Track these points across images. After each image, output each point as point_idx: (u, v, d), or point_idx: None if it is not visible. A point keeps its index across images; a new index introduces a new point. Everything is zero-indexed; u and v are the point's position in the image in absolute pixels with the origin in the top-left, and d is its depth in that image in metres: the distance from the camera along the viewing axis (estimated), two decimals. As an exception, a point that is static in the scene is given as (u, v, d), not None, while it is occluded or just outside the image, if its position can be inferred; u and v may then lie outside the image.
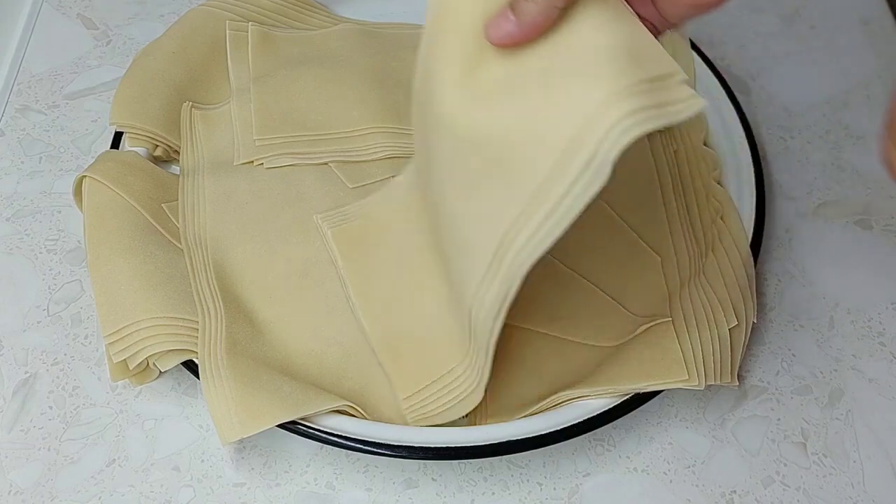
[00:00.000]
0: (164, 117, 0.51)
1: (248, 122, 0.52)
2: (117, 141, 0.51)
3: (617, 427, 0.44)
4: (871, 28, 0.61)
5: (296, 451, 0.44)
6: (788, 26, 0.61)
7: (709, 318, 0.44)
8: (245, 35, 0.55)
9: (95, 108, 0.56)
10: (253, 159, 0.51)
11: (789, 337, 0.48)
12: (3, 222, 0.51)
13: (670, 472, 0.43)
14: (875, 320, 0.49)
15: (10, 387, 0.46)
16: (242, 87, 0.54)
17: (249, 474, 0.43)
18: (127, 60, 0.54)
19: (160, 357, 0.43)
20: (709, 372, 0.42)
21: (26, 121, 0.56)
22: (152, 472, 0.43)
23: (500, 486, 0.43)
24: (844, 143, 0.55)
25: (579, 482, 0.43)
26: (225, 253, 0.47)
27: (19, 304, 0.48)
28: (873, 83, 0.58)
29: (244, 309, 0.45)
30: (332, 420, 0.41)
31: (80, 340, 0.47)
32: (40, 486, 0.43)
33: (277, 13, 0.57)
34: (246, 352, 0.43)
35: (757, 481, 0.43)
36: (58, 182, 0.53)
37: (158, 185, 0.49)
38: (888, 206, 0.52)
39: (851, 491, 0.43)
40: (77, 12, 0.61)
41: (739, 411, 0.45)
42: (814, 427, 0.45)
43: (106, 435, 0.44)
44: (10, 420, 0.44)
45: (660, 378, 0.41)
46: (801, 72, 0.59)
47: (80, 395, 0.45)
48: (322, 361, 0.44)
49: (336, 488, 0.43)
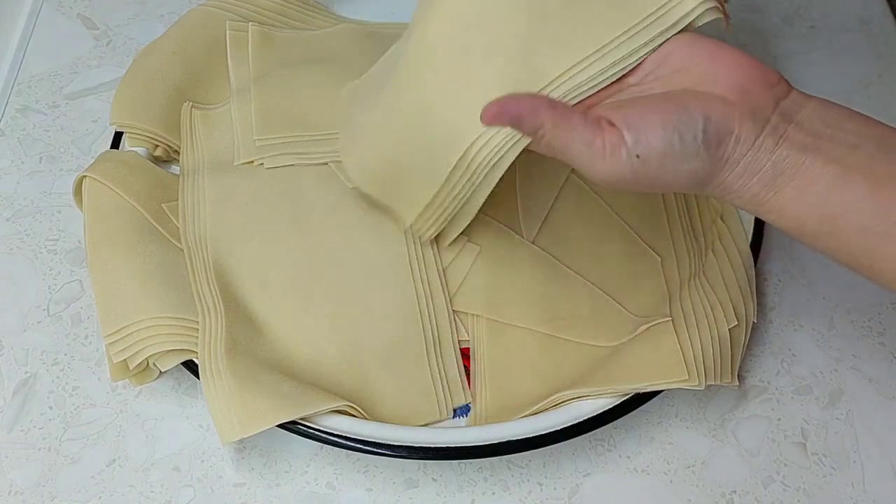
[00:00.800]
0: (164, 117, 0.51)
1: (248, 122, 0.52)
2: (117, 141, 0.51)
3: (617, 427, 0.44)
4: (871, 28, 0.61)
5: (296, 451, 0.44)
6: (788, 26, 0.61)
7: (709, 318, 0.44)
8: (245, 35, 0.55)
9: (95, 108, 0.56)
10: (253, 159, 0.51)
11: (789, 337, 0.48)
12: (3, 222, 0.51)
13: (670, 472, 0.43)
14: (875, 320, 0.49)
15: (10, 387, 0.46)
16: (242, 87, 0.54)
17: (249, 474, 0.43)
18: (127, 60, 0.54)
19: (160, 357, 0.43)
20: (709, 372, 0.42)
21: (26, 121, 0.56)
22: (152, 472, 0.43)
23: (500, 486, 0.43)
24: (844, 143, 0.55)
25: (579, 482, 0.43)
26: (225, 253, 0.47)
27: (19, 304, 0.48)
28: (873, 83, 0.58)
29: (244, 309, 0.45)
30: (332, 420, 0.41)
31: (80, 340, 0.47)
32: (40, 486, 0.43)
33: (277, 13, 0.57)
34: (246, 352, 0.43)
35: (757, 481, 0.43)
36: (58, 182, 0.53)
37: (158, 185, 0.49)
38: (888, 206, 0.52)
39: (851, 491, 0.43)
40: (77, 12, 0.61)
41: (739, 411, 0.45)
42: (814, 427, 0.45)
43: (106, 435, 0.44)
44: (10, 420, 0.44)
45: (660, 378, 0.41)
46: (801, 72, 0.59)
47: (80, 395, 0.45)
48: (322, 361, 0.44)
49: (336, 488, 0.43)
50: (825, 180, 0.33)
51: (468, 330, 0.46)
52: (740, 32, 0.61)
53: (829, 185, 0.33)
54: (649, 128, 0.33)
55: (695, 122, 0.33)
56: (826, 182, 0.33)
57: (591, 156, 0.34)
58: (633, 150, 0.33)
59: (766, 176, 0.34)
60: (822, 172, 0.33)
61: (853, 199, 0.33)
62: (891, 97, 0.57)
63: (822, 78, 0.58)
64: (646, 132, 0.33)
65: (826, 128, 0.34)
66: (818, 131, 0.34)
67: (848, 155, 0.33)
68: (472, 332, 0.46)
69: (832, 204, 0.33)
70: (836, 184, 0.33)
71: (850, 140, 0.34)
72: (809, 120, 0.34)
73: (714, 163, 0.34)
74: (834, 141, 0.34)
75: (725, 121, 0.34)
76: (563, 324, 0.46)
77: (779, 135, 0.34)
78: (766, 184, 0.34)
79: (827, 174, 0.33)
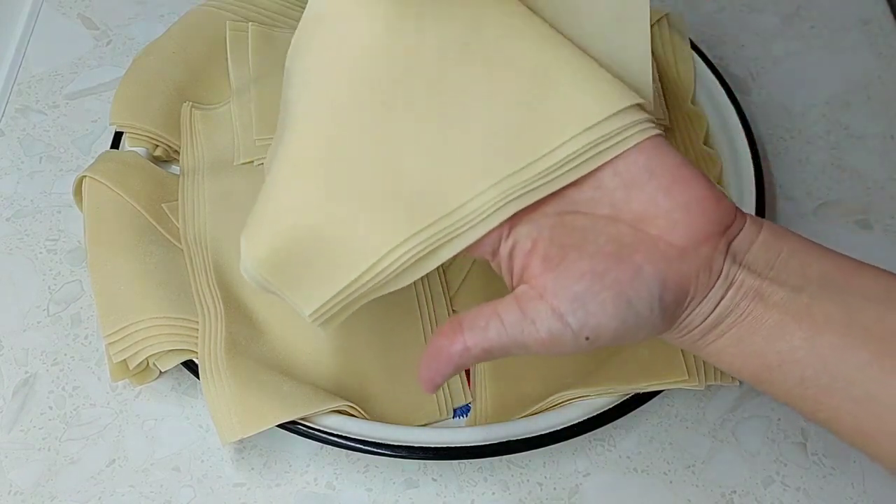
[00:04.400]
0: (164, 117, 0.51)
1: (248, 122, 0.52)
2: (117, 141, 0.51)
3: (617, 427, 0.44)
4: (871, 28, 0.61)
5: (296, 451, 0.44)
6: (788, 26, 0.61)
7: (709, 318, 0.44)
8: (245, 35, 0.55)
9: (95, 108, 0.56)
10: (253, 159, 0.51)
11: (789, 337, 0.48)
12: (3, 222, 0.51)
13: (670, 472, 0.43)
14: (875, 320, 0.48)
15: (10, 387, 0.46)
16: (242, 87, 0.54)
17: (249, 474, 0.43)
18: (127, 60, 0.54)
19: (160, 357, 0.43)
20: (709, 372, 0.42)
21: (26, 121, 0.56)
22: (152, 472, 0.43)
23: (500, 486, 0.43)
24: (844, 144, 0.55)
25: (579, 482, 0.43)
26: (225, 253, 0.47)
27: (19, 304, 0.48)
28: (873, 83, 0.58)
29: (244, 309, 0.45)
30: (332, 420, 0.41)
31: (80, 340, 0.47)
32: (40, 487, 0.43)
33: (277, 13, 0.57)
34: (246, 352, 0.43)
35: (757, 481, 0.43)
36: (58, 182, 0.53)
37: (158, 185, 0.49)
38: (888, 206, 0.52)
39: (851, 491, 0.43)
40: (77, 12, 0.61)
41: (739, 411, 0.45)
42: (814, 427, 0.45)
43: (106, 435, 0.44)
44: (10, 420, 0.44)
45: (660, 378, 0.41)
46: (801, 72, 0.59)
47: (80, 395, 0.45)
48: (322, 361, 0.44)
49: (336, 488, 0.43)
50: (764, 330, 0.30)
51: (468, 330, 0.46)
52: (740, 32, 0.61)
53: (768, 334, 0.30)
54: (600, 307, 0.30)
55: (650, 291, 0.30)
56: (765, 332, 0.30)
57: (537, 348, 0.31)
58: (581, 334, 0.30)
59: (707, 326, 0.31)
60: (761, 321, 0.30)
61: (791, 349, 0.30)
62: (891, 97, 0.57)
63: (822, 78, 0.58)
64: (595, 314, 0.30)
65: (769, 269, 0.31)
66: (762, 273, 0.31)
67: (789, 300, 0.30)
68: (472, 333, 0.46)
69: (769, 354, 0.30)
70: (775, 332, 0.30)
71: (793, 281, 0.31)
72: (755, 261, 0.31)
73: (669, 325, 0.31)
74: (777, 282, 0.31)
75: (681, 284, 0.30)
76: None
77: (728, 283, 0.31)
78: (704, 333, 0.32)
79: (767, 322, 0.30)
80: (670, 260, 0.30)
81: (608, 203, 0.32)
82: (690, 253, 0.30)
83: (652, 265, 0.30)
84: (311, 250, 0.34)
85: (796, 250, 0.31)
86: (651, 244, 0.31)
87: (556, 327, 0.30)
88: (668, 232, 0.31)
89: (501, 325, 0.31)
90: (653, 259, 0.30)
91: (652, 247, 0.30)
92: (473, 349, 0.31)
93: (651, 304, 0.30)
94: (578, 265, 0.30)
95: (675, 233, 0.31)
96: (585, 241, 0.31)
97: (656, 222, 0.31)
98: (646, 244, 0.31)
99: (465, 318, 0.32)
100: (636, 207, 0.31)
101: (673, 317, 0.31)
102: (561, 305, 0.30)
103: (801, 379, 0.30)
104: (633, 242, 0.31)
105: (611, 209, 0.32)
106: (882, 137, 0.55)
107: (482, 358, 0.32)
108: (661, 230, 0.31)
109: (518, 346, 0.31)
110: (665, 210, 0.31)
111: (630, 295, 0.30)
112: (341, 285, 0.33)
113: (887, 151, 0.55)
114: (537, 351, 0.31)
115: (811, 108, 0.57)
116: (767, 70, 0.59)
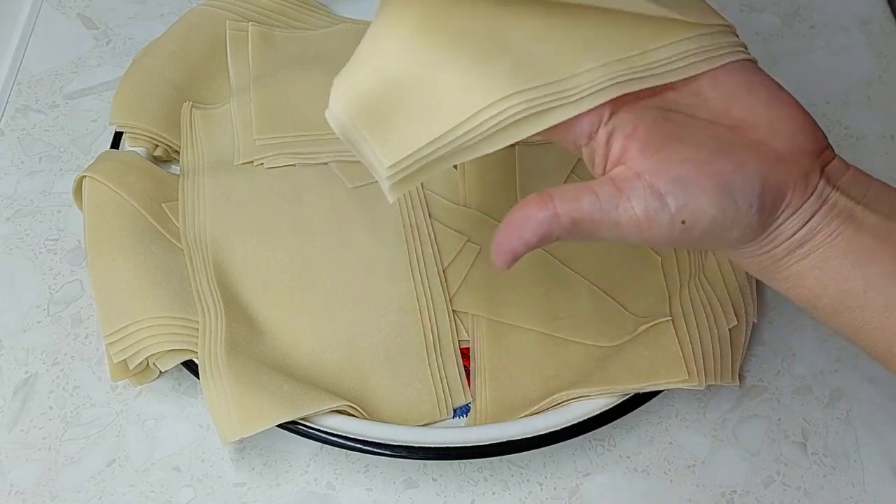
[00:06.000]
0: (164, 117, 0.51)
1: (248, 122, 0.52)
2: (117, 141, 0.51)
3: (617, 427, 0.44)
4: (871, 28, 0.61)
5: (296, 451, 0.44)
6: (788, 26, 0.61)
7: (709, 317, 0.44)
8: (245, 35, 0.55)
9: (95, 108, 0.56)
10: (253, 159, 0.51)
11: (789, 337, 0.48)
12: (3, 222, 0.51)
13: (671, 472, 0.43)
14: (875, 320, 0.48)
15: (10, 387, 0.46)
16: (242, 87, 0.54)
17: (249, 474, 0.43)
18: (127, 60, 0.54)
19: (160, 357, 0.43)
20: (709, 372, 0.42)
21: (26, 121, 0.56)
22: (152, 472, 0.43)
23: (500, 486, 0.43)
24: (844, 143, 0.55)
25: (579, 482, 0.43)
26: (225, 253, 0.47)
27: (19, 304, 0.48)
28: (873, 83, 0.58)
29: (244, 309, 0.45)
30: (332, 420, 0.41)
31: (80, 340, 0.47)
32: (40, 486, 0.43)
33: (277, 13, 0.57)
34: (246, 352, 0.43)
35: (757, 481, 0.43)
36: (58, 182, 0.53)
37: (158, 185, 0.49)
38: (888, 206, 0.52)
39: (851, 491, 0.43)
40: (77, 12, 0.61)
41: (740, 411, 0.45)
42: (814, 427, 0.45)
43: (106, 435, 0.44)
44: (10, 420, 0.44)
45: (660, 378, 0.41)
46: (801, 72, 0.59)
47: (80, 395, 0.45)
48: (322, 361, 0.44)
49: (336, 488, 0.43)
50: (853, 253, 0.30)
51: (468, 330, 0.46)
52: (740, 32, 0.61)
53: (857, 258, 0.30)
54: (701, 191, 0.29)
55: (752, 186, 0.30)
56: (854, 254, 0.30)
57: (629, 229, 0.30)
58: (678, 217, 0.29)
59: (795, 242, 0.31)
60: (851, 243, 0.30)
61: (879, 273, 0.30)
62: (891, 97, 0.57)
63: (822, 78, 0.58)
64: (696, 197, 0.29)
65: (862, 196, 0.31)
66: (856, 198, 0.31)
67: (881, 225, 0.30)
68: (472, 332, 0.46)
69: (856, 277, 0.30)
70: (864, 256, 0.30)
71: (885, 210, 0.31)
72: (848, 188, 0.31)
73: (762, 230, 0.31)
74: (869, 208, 0.31)
75: (780, 187, 0.30)
76: (563, 324, 0.46)
77: (821, 200, 0.31)
78: (791, 250, 0.31)
79: (856, 245, 0.30)
80: (771, 162, 0.30)
81: (707, 109, 0.32)
82: (789, 160, 0.31)
83: (754, 162, 0.30)
84: (405, 98, 0.33)
85: (885, 189, 0.32)
86: (753, 145, 0.31)
87: (654, 206, 0.30)
88: (769, 138, 0.31)
89: (596, 198, 0.30)
90: (755, 158, 0.30)
91: (754, 148, 0.31)
92: (563, 217, 0.30)
93: (751, 199, 0.30)
94: (681, 152, 0.30)
95: (776, 140, 0.31)
96: (688, 134, 0.31)
97: (757, 130, 0.31)
98: (747, 145, 0.31)
99: (553, 190, 0.31)
100: (736, 115, 0.32)
101: (766, 222, 0.31)
102: (661, 185, 0.29)
103: (885, 307, 0.30)
104: (734, 141, 0.31)
105: (710, 115, 0.32)
106: (882, 137, 0.55)
107: (568, 231, 0.30)
108: (763, 136, 0.31)
109: (609, 225, 0.30)
110: (766, 119, 0.31)
111: (733, 186, 0.30)
112: (433, 136, 0.32)
113: (887, 151, 0.55)
114: (628, 233, 0.30)
115: (810, 108, 0.56)
116: (767, 70, 0.59)
